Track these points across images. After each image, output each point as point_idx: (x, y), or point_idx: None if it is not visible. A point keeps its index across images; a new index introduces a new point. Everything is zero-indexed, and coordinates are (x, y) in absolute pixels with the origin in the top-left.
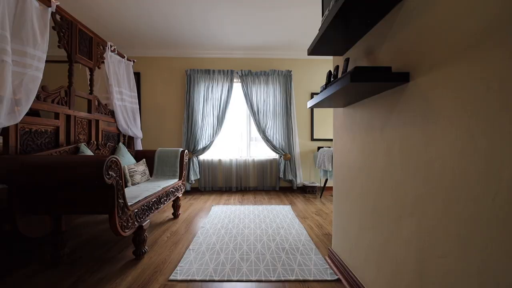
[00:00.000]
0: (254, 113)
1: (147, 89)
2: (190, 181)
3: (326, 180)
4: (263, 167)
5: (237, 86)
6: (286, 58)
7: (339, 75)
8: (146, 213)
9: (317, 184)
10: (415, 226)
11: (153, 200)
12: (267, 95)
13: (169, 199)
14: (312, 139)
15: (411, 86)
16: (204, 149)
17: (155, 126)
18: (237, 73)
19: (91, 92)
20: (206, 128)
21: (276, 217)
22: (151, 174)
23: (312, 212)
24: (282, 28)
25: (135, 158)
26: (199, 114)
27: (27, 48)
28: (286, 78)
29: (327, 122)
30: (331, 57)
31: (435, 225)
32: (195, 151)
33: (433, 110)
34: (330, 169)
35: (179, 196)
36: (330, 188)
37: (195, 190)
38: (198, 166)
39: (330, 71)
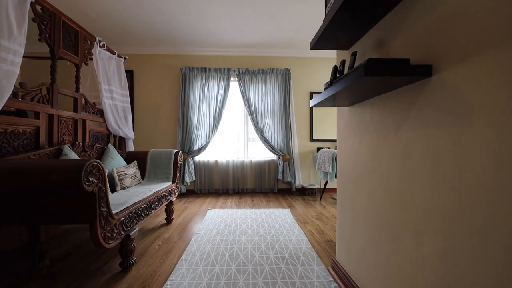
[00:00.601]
0: (252, 112)
1: (140, 87)
2: (185, 183)
3: (326, 182)
4: (261, 168)
5: (234, 85)
6: (285, 56)
7: (346, 71)
8: (135, 220)
9: (317, 186)
10: (439, 245)
11: (142, 206)
12: (265, 94)
13: (162, 204)
14: (312, 139)
15: (435, 80)
16: (200, 150)
17: (149, 126)
18: (234, 71)
19: (77, 90)
20: (202, 128)
21: (275, 222)
22: (143, 177)
23: (312, 216)
24: (281, 25)
25: (126, 160)
26: (194, 113)
27: (1, 40)
28: (284, 77)
29: (327, 122)
30: (331, 56)
31: (466, 246)
32: (190, 152)
33: (464, 108)
34: (331, 171)
35: (173, 200)
36: (330, 190)
37: (191, 193)
38: (193, 167)
39: (335, 66)
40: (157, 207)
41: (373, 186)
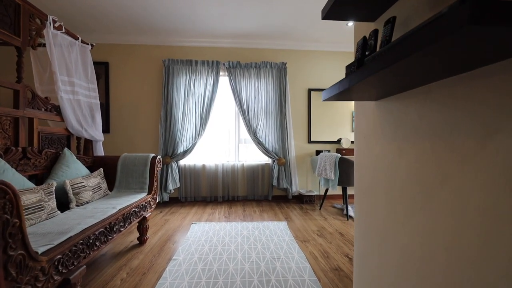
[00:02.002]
0: (244, 111)
1: (117, 82)
2: (168, 191)
3: (327, 190)
4: (253, 173)
5: (224, 80)
6: (281, 49)
7: (379, 44)
8: (82, 254)
9: (315, 193)
10: None
11: (97, 233)
12: (259, 91)
13: (129, 223)
14: (310, 141)
15: None
16: (185, 153)
17: (127, 126)
18: (224, 64)
19: (19, 80)
20: (188, 128)
21: (270, 241)
22: (111, 187)
23: (313, 231)
24: (277, 12)
25: (90, 167)
26: (179, 112)
27: None
28: (280, 72)
29: (327, 122)
30: (335, 49)
31: None
32: (174, 156)
33: None
34: (333, 178)
35: (146, 216)
36: (330, 197)
37: (174, 201)
38: (178, 172)
39: (364, 37)
40: (122, 229)
41: (426, 220)
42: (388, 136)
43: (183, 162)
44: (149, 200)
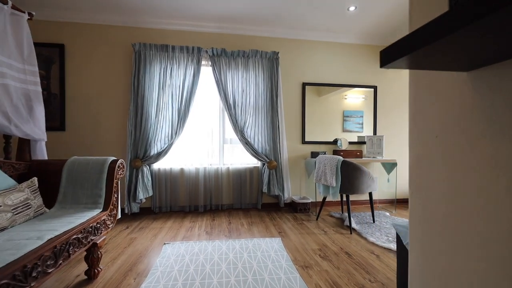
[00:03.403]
0: (230, 106)
1: (74, 68)
2: (138, 201)
3: (325, 198)
4: (240, 178)
5: (207, 70)
6: (272, 37)
7: None
8: None
9: (310, 200)
10: None
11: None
12: (247, 84)
13: (68, 256)
14: (304, 142)
15: None
16: (160, 155)
17: (87, 123)
18: (207, 52)
19: None
20: (163, 125)
21: (263, 268)
22: (51, 202)
23: (314, 251)
24: None
25: (24, 175)
26: (152, 106)
27: None
28: (271, 62)
29: (320, 120)
30: (333, 39)
31: None
32: (146, 158)
33: None
34: (334, 185)
35: (98, 242)
36: (326, 204)
37: (146, 212)
38: (150, 178)
39: None
40: (50, 270)
41: None
42: (496, 133)
43: (157, 165)
44: (103, 219)
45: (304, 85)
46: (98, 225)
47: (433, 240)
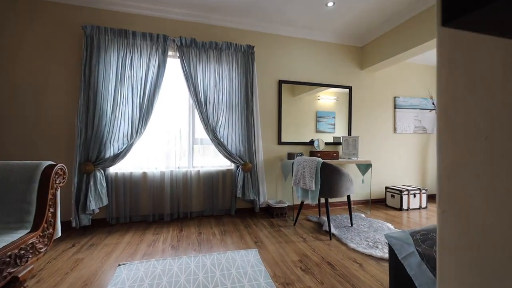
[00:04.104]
0: (200, 103)
1: (8, 52)
2: (89, 211)
3: (303, 202)
4: (212, 182)
5: (175, 62)
6: (248, 30)
7: None
8: None
9: (287, 204)
10: None
11: None
12: (219, 78)
13: None
14: (280, 142)
15: None
16: (117, 157)
17: (24, 119)
18: (174, 41)
19: None
20: (121, 123)
21: None
22: None
23: (294, 262)
24: None
25: None
26: (107, 100)
27: None
28: (246, 57)
29: (295, 120)
30: (309, 36)
31: None
32: (100, 161)
33: None
34: (313, 188)
35: (20, 276)
36: (305, 208)
37: (100, 225)
38: (105, 185)
39: None
40: None
41: None
42: None
43: (113, 169)
44: (31, 243)
45: (280, 82)
46: (22, 252)
47: (474, 276)
